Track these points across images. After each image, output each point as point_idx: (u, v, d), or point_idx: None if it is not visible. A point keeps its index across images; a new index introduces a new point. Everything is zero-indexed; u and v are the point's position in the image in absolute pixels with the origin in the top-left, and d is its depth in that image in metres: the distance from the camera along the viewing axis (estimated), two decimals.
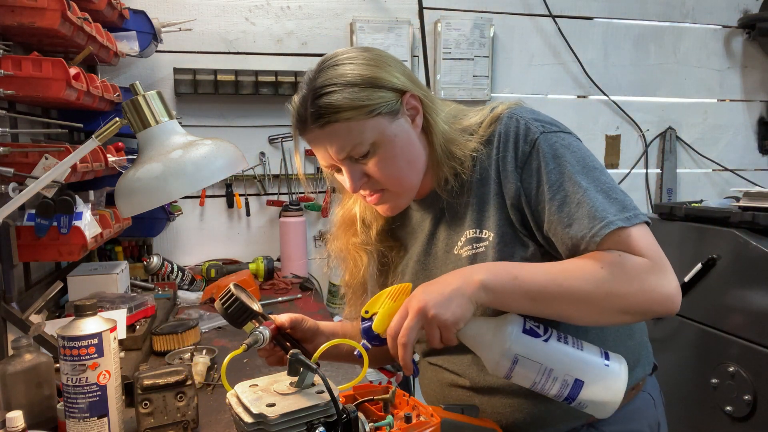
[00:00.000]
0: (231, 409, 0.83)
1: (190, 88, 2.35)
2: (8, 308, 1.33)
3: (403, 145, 0.97)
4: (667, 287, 0.86)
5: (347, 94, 0.92)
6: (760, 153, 3.25)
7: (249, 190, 2.56)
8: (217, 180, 0.89)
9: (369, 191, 1.02)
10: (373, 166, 0.97)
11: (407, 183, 1.01)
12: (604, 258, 0.87)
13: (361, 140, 0.94)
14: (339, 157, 0.97)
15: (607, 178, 0.94)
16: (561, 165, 0.93)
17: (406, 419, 0.83)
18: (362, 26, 2.58)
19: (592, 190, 0.91)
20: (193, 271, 2.27)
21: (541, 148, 0.95)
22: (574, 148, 0.96)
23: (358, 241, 1.14)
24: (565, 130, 0.99)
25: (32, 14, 1.31)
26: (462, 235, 1.01)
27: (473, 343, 0.88)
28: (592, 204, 0.90)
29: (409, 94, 0.98)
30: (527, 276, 0.87)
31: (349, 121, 0.93)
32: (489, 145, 1.00)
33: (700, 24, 3.08)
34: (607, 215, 0.88)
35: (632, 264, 0.86)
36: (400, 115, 0.97)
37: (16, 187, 1.19)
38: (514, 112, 1.00)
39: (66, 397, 0.97)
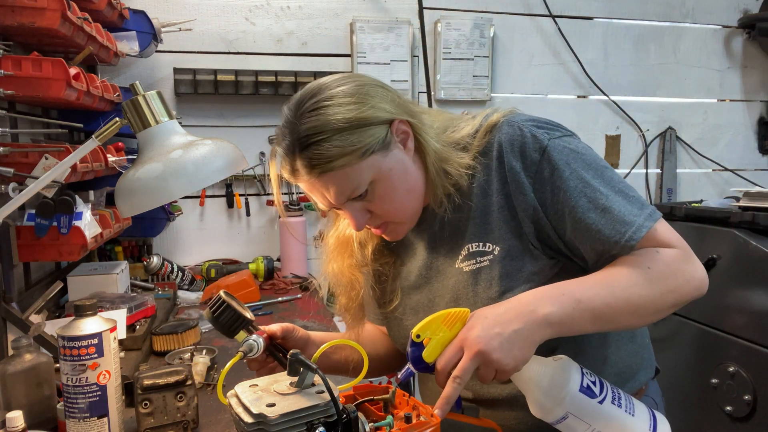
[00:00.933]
0: (231, 409, 0.83)
1: (190, 88, 2.35)
2: (8, 308, 1.33)
3: (400, 176, 0.95)
4: (700, 271, 0.91)
5: (337, 142, 0.88)
6: (760, 153, 3.25)
7: (249, 190, 2.56)
8: (217, 180, 0.89)
9: (373, 225, 1.00)
10: (374, 202, 0.96)
11: (409, 211, 0.99)
12: (644, 258, 0.88)
13: (359, 183, 0.92)
14: (339, 201, 0.94)
15: (617, 176, 0.94)
16: (576, 171, 0.92)
17: (406, 419, 0.83)
18: (362, 26, 2.58)
19: (612, 194, 0.91)
20: (193, 271, 2.27)
21: (552, 156, 0.93)
22: (583, 150, 0.95)
23: (354, 262, 1.11)
24: (567, 133, 0.97)
25: (32, 14, 1.31)
26: (462, 248, 0.99)
27: (526, 386, 0.84)
28: (617, 208, 0.90)
29: (397, 121, 0.95)
30: (588, 295, 0.84)
31: (344, 167, 0.90)
32: (487, 156, 0.97)
33: (700, 24, 3.08)
34: (635, 219, 0.89)
35: (670, 258, 0.88)
36: (392, 146, 0.94)
37: (16, 187, 1.19)
38: (513, 119, 0.98)
39: (66, 397, 0.97)
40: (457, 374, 0.80)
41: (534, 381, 0.83)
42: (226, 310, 0.94)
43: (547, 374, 0.83)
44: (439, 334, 0.83)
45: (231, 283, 2.01)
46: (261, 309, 1.95)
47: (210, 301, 0.95)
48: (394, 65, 2.63)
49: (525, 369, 0.83)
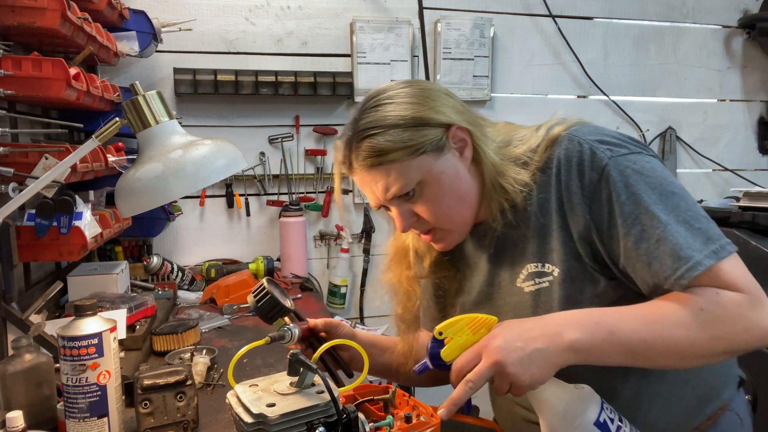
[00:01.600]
0: (231, 409, 0.83)
1: (190, 88, 2.35)
2: (8, 308, 1.33)
3: (451, 181, 0.94)
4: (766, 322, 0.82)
5: (390, 136, 0.91)
6: (760, 153, 3.25)
7: (249, 190, 2.56)
8: (217, 180, 0.89)
9: (420, 231, 1.00)
10: (422, 205, 0.95)
11: (458, 219, 0.97)
12: (700, 298, 0.81)
13: (407, 181, 0.92)
14: (386, 198, 0.95)
15: (687, 204, 0.87)
16: (635, 195, 0.86)
17: (406, 419, 0.83)
18: (362, 26, 2.58)
19: (673, 223, 0.84)
20: (193, 271, 2.27)
21: (611, 176, 0.87)
22: (648, 172, 0.88)
23: (411, 273, 1.11)
24: (635, 150, 0.91)
25: (32, 14, 1.31)
26: (523, 267, 0.96)
27: (541, 406, 0.83)
28: (674, 240, 0.83)
29: (455, 127, 0.94)
30: (624, 329, 0.80)
31: (394, 163, 0.91)
32: (546, 172, 0.93)
33: (700, 24, 3.08)
34: (692, 254, 0.82)
35: (731, 301, 0.81)
36: (446, 150, 0.93)
37: (16, 187, 1.19)
38: (575, 133, 0.93)
39: (66, 397, 0.97)
40: (470, 378, 0.79)
41: (549, 403, 0.82)
42: (265, 297, 0.97)
43: (564, 399, 0.82)
44: (462, 337, 0.83)
45: (231, 283, 2.00)
46: None
47: (255, 288, 0.99)
48: (394, 65, 2.63)
49: (543, 389, 0.82)
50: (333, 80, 2.49)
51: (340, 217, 2.64)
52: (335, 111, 2.63)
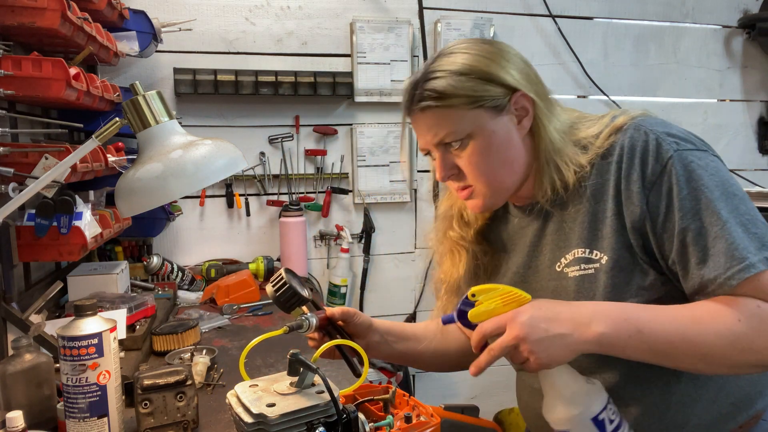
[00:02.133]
0: (231, 409, 0.83)
1: (190, 88, 2.35)
2: (8, 308, 1.33)
3: (500, 144, 0.94)
4: None
5: (452, 81, 0.92)
6: (760, 153, 3.25)
7: (249, 190, 2.56)
8: (217, 180, 0.90)
9: (458, 185, 0.99)
10: (465, 158, 0.95)
11: (497, 182, 0.97)
12: (741, 308, 0.80)
13: (457, 129, 0.93)
14: (433, 142, 0.96)
15: (747, 207, 0.85)
16: (697, 190, 0.85)
17: (406, 419, 0.83)
18: (362, 26, 2.58)
19: (733, 222, 0.82)
20: (193, 271, 2.27)
21: (675, 169, 0.86)
22: (713, 170, 0.86)
23: (456, 236, 1.11)
24: (701, 147, 0.89)
25: (32, 14, 1.31)
26: (569, 252, 0.95)
27: (548, 386, 0.86)
28: (732, 239, 0.81)
29: (520, 93, 0.94)
30: (653, 329, 0.81)
31: (449, 108, 0.92)
32: (607, 159, 0.93)
33: (700, 24, 3.08)
34: (747, 255, 0.80)
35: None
36: (505, 113, 0.94)
37: (16, 187, 1.19)
38: (642, 123, 0.92)
39: (66, 397, 0.97)
40: (493, 347, 0.82)
41: (557, 386, 0.84)
42: (283, 286, 0.97)
43: (571, 388, 0.83)
44: (492, 305, 0.84)
45: (231, 283, 2.01)
46: (261, 309, 1.95)
47: (273, 277, 0.99)
48: (394, 65, 2.63)
49: (555, 372, 0.84)
50: (333, 80, 2.49)
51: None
52: (335, 111, 2.63)
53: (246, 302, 1.98)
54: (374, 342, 1.08)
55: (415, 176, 2.73)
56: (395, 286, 2.75)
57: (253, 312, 1.91)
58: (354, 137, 2.62)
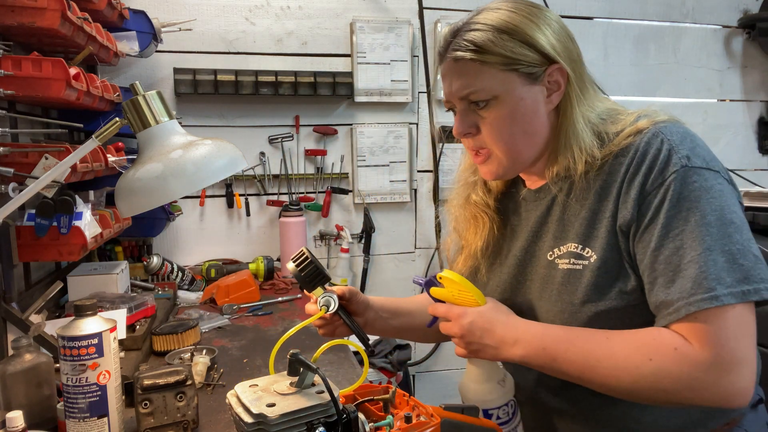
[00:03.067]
0: (231, 409, 0.83)
1: (190, 88, 2.35)
2: (8, 308, 1.33)
3: (526, 113, 0.92)
4: (725, 387, 0.79)
5: (491, 37, 0.90)
6: (760, 153, 3.25)
7: (249, 190, 2.56)
8: (217, 180, 0.90)
9: (474, 146, 0.97)
10: (486, 120, 0.93)
11: (515, 152, 0.95)
12: (659, 348, 0.81)
13: (484, 87, 0.91)
14: (458, 94, 0.94)
15: (743, 238, 0.82)
16: (689, 210, 0.83)
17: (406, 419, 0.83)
18: (362, 26, 2.58)
19: (716, 250, 0.80)
20: (193, 271, 2.27)
21: (674, 185, 0.84)
22: (716, 193, 0.84)
23: (480, 201, 1.09)
24: (713, 167, 0.87)
25: (32, 14, 1.31)
26: (564, 244, 0.95)
27: (468, 368, 1.00)
28: (705, 267, 0.80)
29: (558, 66, 0.92)
30: (567, 359, 0.86)
31: (483, 65, 0.91)
32: (620, 159, 0.91)
33: (700, 24, 3.08)
34: (717, 285, 0.79)
35: (688, 361, 0.79)
36: (537, 83, 0.92)
37: (16, 187, 1.19)
38: (662, 130, 0.90)
39: (66, 397, 0.97)
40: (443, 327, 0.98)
41: (472, 375, 0.99)
42: (309, 265, 0.99)
43: (480, 381, 0.98)
44: (449, 294, 0.97)
45: (231, 283, 2.00)
46: (261, 309, 1.95)
47: (294, 255, 1.00)
48: (394, 65, 2.63)
49: (479, 363, 0.98)
50: (333, 80, 2.49)
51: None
52: (335, 111, 2.63)
53: (246, 302, 1.98)
54: (371, 319, 1.13)
55: (415, 176, 2.73)
56: (395, 286, 2.75)
57: (253, 312, 1.91)
58: (354, 137, 2.62)
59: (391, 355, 2.36)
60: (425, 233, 2.77)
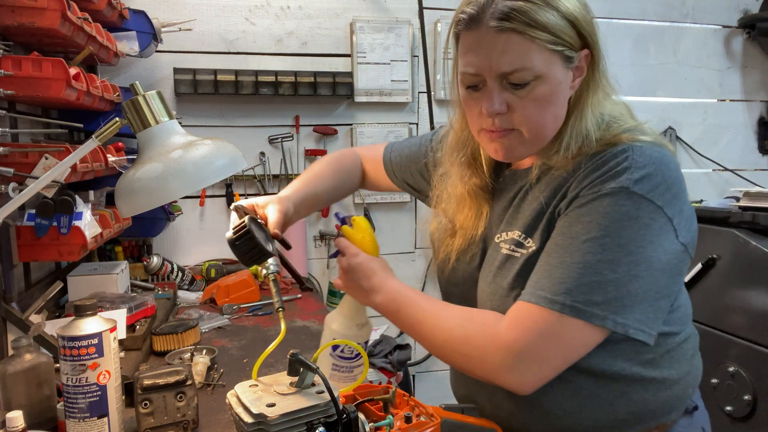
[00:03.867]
0: (231, 409, 0.83)
1: (190, 88, 2.35)
2: (8, 308, 1.33)
3: (559, 97, 0.89)
4: (507, 374, 0.85)
5: (551, 15, 0.84)
6: (760, 153, 3.25)
7: (249, 190, 2.56)
8: (218, 180, 0.90)
9: (500, 126, 0.91)
10: (525, 101, 0.87)
11: (541, 135, 0.91)
12: (474, 320, 0.91)
13: (531, 66, 0.84)
14: (498, 71, 0.86)
15: (627, 272, 0.81)
16: (596, 224, 0.83)
17: (406, 419, 0.83)
18: (362, 26, 2.58)
19: (590, 269, 0.82)
20: (193, 271, 2.27)
21: (602, 199, 0.83)
22: (635, 224, 0.82)
23: (480, 183, 1.04)
24: (657, 200, 0.83)
25: (32, 14, 1.31)
26: (512, 230, 0.95)
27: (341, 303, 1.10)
28: (569, 276, 0.83)
29: (586, 53, 0.90)
30: (405, 313, 0.97)
31: (533, 41, 0.83)
32: (585, 161, 0.89)
33: (700, 24, 3.08)
34: (564, 295, 0.82)
35: (490, 336, 0.87)
36: (570, 65, 0.89)
37: (16, 187, 1.19)
38: (634, 148, 0.86)
39: (66, 397, 0.97)
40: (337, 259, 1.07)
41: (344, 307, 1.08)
42: (247, 241, 0.97)
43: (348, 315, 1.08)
44: (356, 234, 1.08)
45: (231, 283, 2.00)
46: (261, 309, 1.95)
47: (236, 225, 0.98)
48: (394, 65, 2.63)
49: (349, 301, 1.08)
50: (333, 80, 2.49)
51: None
52: (335, 111, 2.63)
53: (246, 302, 1.98)
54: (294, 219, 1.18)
55: None
56: None
57: (253, 312, 1.91)
58: (354, 137, 2.62)
59: (391, 355, 2.36)
60: (425, 233, 2.76)
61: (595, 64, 0.92)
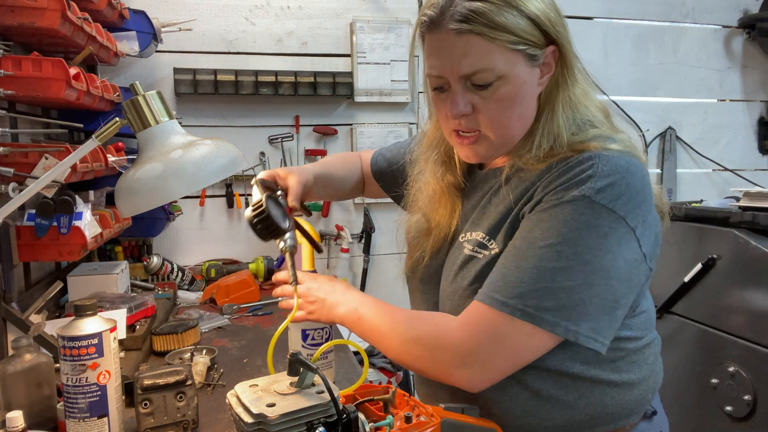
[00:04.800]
0: (231, 409, 0.83)
1: (190, 88, 2.35)
2: (8, 308, 1.33)
3: (525, 96, 0.88)
4: (454, 373, 0.88)
5: (508, 14, 0.83)
6: (760, 153, 3.25)
7: (249, 190, 2.56)
8: (218, 180, 0.89)
9: (466, 128, 0.91)
10: (488, 102, 0.87)
11: (508, 135, 0.91)
12: (426, 321, 0.93)
13: (493, 67, 0.84)
14: (460, 73, 0.86)
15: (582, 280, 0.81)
16: (555, 231, 0.82)
17: (406, 419, 0.83)
18: (362, 26, 2.58)
19: (544, 275, 0.82)
20: (193, 271, 2.27)
21: (564, 207, 0.83)
22: (593, 233, 0.81)
23: (455, 182, 1.03)
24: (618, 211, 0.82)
25: (32, 14, 1.31)
26: (476, 231, 0.95)
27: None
28: (521, 279, 0.83)
29: (552, 48, 0.88)
30: (367, 320, 0.98)
31: (493, 42, 0.83)
32: (552, 167, 0.88)
33: (700, 24, 3.08)
34: (515, 298, 0.82)
35: (440, 337, 0.89)
36: (535, 64, 0.87)
37: (16, 187, 1.19)
38: (601, 156, 0.85)
39: (66, 397, 0.97)
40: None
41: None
42: (264, 219, 0.98)
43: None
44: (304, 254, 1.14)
45: (231, 283, 2.00)
46: (261, 309, 1.95)
47: (254, 203, 1.00)
48: (394, 65, 2.63)
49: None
50: (333, 80, 2.49)
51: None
52: (335, 111, 2.63)
53: (246, 302, 1.98)
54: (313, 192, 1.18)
55: None
56: (395, 286, 2.73)
57: (253, 312, 1.91)
58: (354, 137, 2.62)
59: None
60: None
61: (564, 60, 0.90)
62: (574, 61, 0.92)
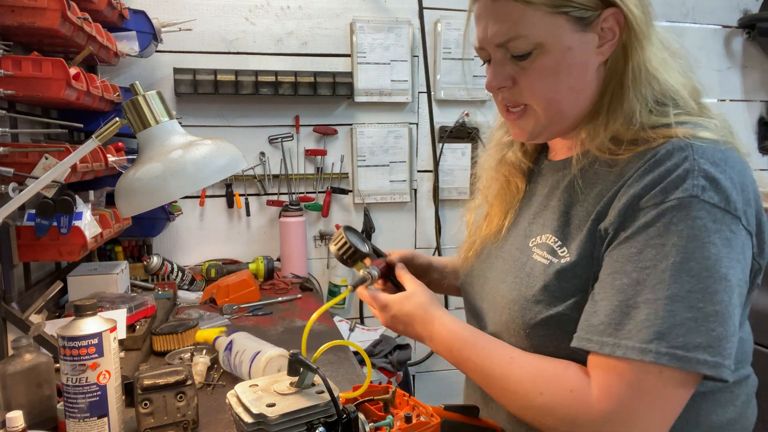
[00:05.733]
0: (231, 409, 0.83)
1: (190, 88, 2.35)
2: (8, 308, 1.33)
3: (573, 65, 0.78)
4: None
5: None
6: (760, 153, 3.25)
7: (249, 190, 2.56)
8: (217, 180, 0.89)
9: (510, 102, 0.84)
10: (528, 73, 0.79)
11: (556, 109, 0.81)
12: (554, 384, 0.76)
13: (528, 33, 0.77)
14: (495, 41, 0.79)
15: (707, 304, 0.68)
16: (674, 247, 0.69)
17: (406, 419, 0.83)
18: (362, 26, 2.58)
19: (682, 304, 0.68)
20: (193, 271, 2.27)
21: (670, 212, 0.70)
22: (716, 239, 0.69)
23: (515, 159, 0.96)
24: (733, 211, 0.71)
25: (32, 14, 1.31)
26: (545, 233, 0.85)
27: None
28: (657, 315, 0.68)
29: (612, 10, 0.76)
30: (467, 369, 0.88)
31: (528, 6, 0.76)
32: (634, 162, 0.76)
33: (700, 24, 3.08)
34: (631, 335, 0.69)
35: (579, 406, 0.73)
36: (589, 30, 0.77)
37: (16, 187, 1.19)
38: (694, 146, 0.73)
39: (66, 397, 0.97)
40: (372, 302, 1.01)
41: None
42: (346, 247, 1.03)
43: None
44: None
45: (231, 283, 2.00)
46: (261, 309, 1.95)
47: (335, 237, 1.05)
48: (394, 65, 2.63)
49: None
50: (333, 80, 2.49)
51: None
52: (335, 111, 2.63)
53: (246, 302, 1.98)
54: (435, 279, 1.12)
55: (415, 176, 2.73)
56: None
57: (253, 312, 1.91)
58: (354, 137, 2.62)
59: (391, 355, 2.36)
60: (425, 233, 2.77)
61: (630, 24, 0.77)
62: (645, 25, 0.79)
